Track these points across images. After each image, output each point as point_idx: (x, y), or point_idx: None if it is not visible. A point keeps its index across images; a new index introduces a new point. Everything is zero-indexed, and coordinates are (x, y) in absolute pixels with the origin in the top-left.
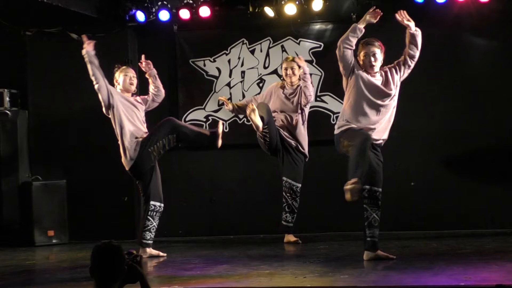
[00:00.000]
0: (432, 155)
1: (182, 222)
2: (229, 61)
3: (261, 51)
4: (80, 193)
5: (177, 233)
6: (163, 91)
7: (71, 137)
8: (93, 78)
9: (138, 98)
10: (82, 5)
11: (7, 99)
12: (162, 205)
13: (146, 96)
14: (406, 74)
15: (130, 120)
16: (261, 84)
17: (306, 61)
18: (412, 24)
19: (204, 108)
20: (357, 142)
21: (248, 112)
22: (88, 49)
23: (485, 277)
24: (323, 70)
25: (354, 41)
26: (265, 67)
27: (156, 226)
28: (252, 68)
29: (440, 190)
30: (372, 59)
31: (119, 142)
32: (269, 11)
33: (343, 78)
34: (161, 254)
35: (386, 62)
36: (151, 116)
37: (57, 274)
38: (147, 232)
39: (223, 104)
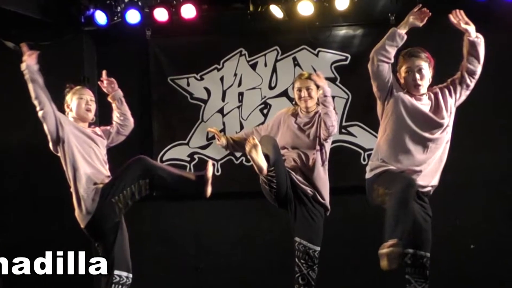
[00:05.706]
0: (498, 207)
1: None
2: (221, 78)
3: (265, 65)
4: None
5: None
6: (131, 119)
7: (6, 182)
8: (36, 102)
9: (97, 129)
10: (22, 3)
11: None
12: (130, 275)
13: (108, 127)
14: (464, 97)
15: (87, 159)
16: (265, 111)
17: (327, 78)
18: (472, 28)
19: (187, 144)
20: (397, 190)
21: (248, 148)
22: (30, 62)
23: None
24: (350, 92)
25: (392, 51)
26: (271, 87)
27: None
28: (254, 88)
29: (509, 254)
30: (418, 76)
31: (72, 189)
32: (276, 11)
33: (378, 102)
34: None
35: (436, 80)
36: (115, 154)
37: None
38: None
39: (213, 137)
